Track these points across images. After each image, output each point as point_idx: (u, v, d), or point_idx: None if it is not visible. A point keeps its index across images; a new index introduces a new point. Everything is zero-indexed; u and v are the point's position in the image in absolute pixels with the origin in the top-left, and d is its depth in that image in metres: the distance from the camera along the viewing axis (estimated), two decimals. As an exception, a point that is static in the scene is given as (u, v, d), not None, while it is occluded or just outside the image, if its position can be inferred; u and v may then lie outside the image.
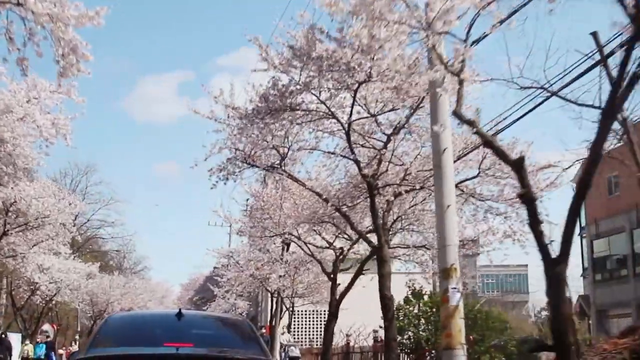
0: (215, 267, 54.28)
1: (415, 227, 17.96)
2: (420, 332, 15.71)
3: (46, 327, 33.13)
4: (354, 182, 15.24)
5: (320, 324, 40.34)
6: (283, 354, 25.75)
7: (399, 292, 32.91)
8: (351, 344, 27.13)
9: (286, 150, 14.19)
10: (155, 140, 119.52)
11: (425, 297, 17.90)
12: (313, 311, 39.99)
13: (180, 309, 5.86)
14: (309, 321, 40.82)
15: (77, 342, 47.91)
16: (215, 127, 14.05)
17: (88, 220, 55.28)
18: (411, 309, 16.75)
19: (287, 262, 25.20)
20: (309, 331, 40.17)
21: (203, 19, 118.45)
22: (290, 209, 16.97)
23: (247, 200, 23.34)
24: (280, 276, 24.74)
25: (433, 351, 15.38)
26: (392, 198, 13.96)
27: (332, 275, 19.14)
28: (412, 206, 16.92)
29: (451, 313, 10.29)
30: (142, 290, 58.73)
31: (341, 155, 13.72)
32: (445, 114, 10.76)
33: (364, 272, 16.50)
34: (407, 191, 13.99)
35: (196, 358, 5.18)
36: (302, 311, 38.50)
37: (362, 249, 20.63)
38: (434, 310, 16.73)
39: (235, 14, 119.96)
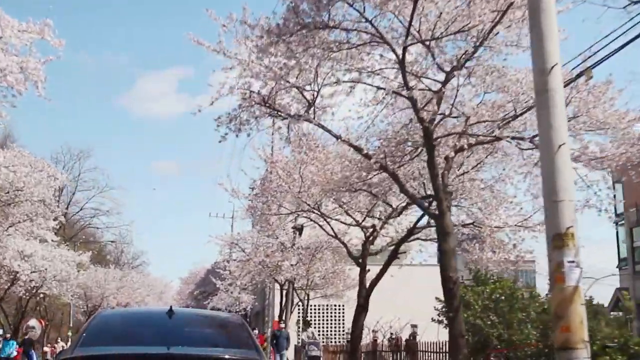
0: (216, 262, 51.46)
1: (464, 200, 14.78)
2: (487, 327, 12.53)
3: (33, 322, 29.85)
4: (397, 139, 12.09)
5: (335, 320, 37.14)
6: (303, 353, 22.63)
7: (420, 290, 29.70)
8: (378, 341, 24.03)
9: (315, 93, 11.07)
10: (155, 137, 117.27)
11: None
12: (326, 305, 36.82)
13: (171, 307, 5.73)
14: (322, 316, 37.59)
15: (70, 339, 44.81)
16: (224, 65, 10.95)
17: (81, 209, 51.92)
18: (475, 297, 13.50)
19: (300, 249, 22.10)
20: (322, 327, 36.89)
21: (202, 14, 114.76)
22: (315, 173, 13.80)
23: (254, 181, 19.41)
24: (292, 265, 21.60)
25: (506, 351, 12.24)
26: (452, 154, 10.83)
27: (360, 261, 16.00)
28: (462, 174, 13.76)
29: (569, 297, 7.03)
30: (140, 285, 55.65)
31: (394, 92, 10.50)
32: (551, 15, 7.68)
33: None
34: (470, 145, 10.83)
35: (187, 358, 5.05)
36: (314, 306, 35.37)
37: (392, 230, 17.52)
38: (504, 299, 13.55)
39: (235, 8, 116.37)
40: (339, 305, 36.09)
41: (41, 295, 33.53)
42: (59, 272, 27.63)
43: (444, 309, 12.09)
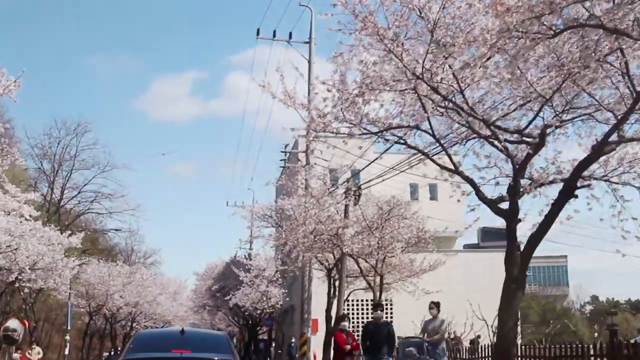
0: (237, 255, 44.52)
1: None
2: None
3: (13, 323, 23.59)
4: None
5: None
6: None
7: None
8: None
9: None
10: (170, 139, 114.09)
11: None
12: (366, 301, 30.25)
13: (183, 328, 9.20)
14: (362, 313, 30.91)
15: (67, 344, 38.46)
16: None
17: (79, 192, 45.05)
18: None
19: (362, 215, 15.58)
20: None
21: (216, 17, 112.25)
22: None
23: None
24: (357, 233, 15.02)
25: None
26: None
27: (512, 206, 9.49)
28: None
29: None
30: (151, 283, 49.23)
31: None
32: None
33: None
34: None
35: (192, 359, 8.44)
36: (352, 301, 28.76)
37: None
38: None
39: (248, 11, 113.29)
40: (385, 301, 29.37)
41: (25, 290, 27.21)
42: (40, 257, 21.22)
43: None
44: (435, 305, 13.20)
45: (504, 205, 9.79)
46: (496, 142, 9.75)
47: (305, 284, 24.63)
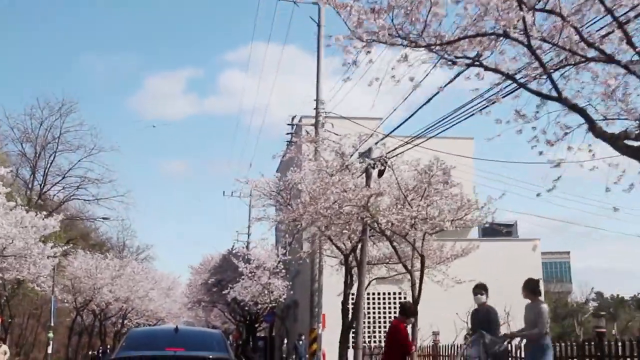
0: (234, 244, 41.44)
1: None
2: None
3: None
4: None
5: (393, 313, 27.43)
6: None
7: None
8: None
9: None
10: (164, 137, 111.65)
11: None
12: (383, 294, 27.43)
13: (177, 326, 9.26)
14: (380, 308, 27.94)
15: (51, 342, 35.42)
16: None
17: (64, 177, 41.57)
18: None
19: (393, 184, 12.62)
20: (380, 323, 27.14)
21: (210, 15, 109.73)
22: None
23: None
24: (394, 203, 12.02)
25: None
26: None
27: None
28: None
29: None
30: (143, 277, 46.26)
31: None
32: None
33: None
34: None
35: (185, 357, 8.12)
36: (370, 294, 25.91)
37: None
38: None
39: (242, 9, 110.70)
40: (397, 294, 26.54)
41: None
42: (9, 241, 18.21)
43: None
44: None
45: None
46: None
47: (315, 273, 21.67)
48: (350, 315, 18.03)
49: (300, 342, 23.65)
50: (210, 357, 8.16)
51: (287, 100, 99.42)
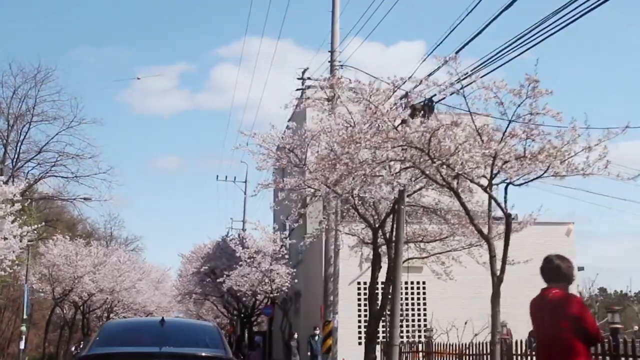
0: (228, 231, 37.50)
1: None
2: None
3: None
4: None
5: (415, 306, 23.84)
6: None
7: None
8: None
9: None
10: (156, 133, 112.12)
11: None
12: (412, 284, 23.86)
13: (163, 318, 7.58)
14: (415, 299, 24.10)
15: (23, 336, 31.77)
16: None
17: (39, 152, 37.29)
18: None
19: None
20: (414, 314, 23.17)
21: (203, 9, 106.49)
22: None
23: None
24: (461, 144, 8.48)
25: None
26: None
27: None
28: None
29: None
30: (130, 267, 42.54)
31: None
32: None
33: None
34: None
35: (173, 356, 6.77)
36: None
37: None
38: None
39: (235, 3, 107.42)
40: (418, 283, 23.01)
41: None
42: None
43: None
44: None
45: None
46: None
47: (330, 255, 18.18)
48: (378, 304, 14.58)
49: (316, 338, 19.95)
50: (203, 354, 6.92)
51: (281, 97, 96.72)
